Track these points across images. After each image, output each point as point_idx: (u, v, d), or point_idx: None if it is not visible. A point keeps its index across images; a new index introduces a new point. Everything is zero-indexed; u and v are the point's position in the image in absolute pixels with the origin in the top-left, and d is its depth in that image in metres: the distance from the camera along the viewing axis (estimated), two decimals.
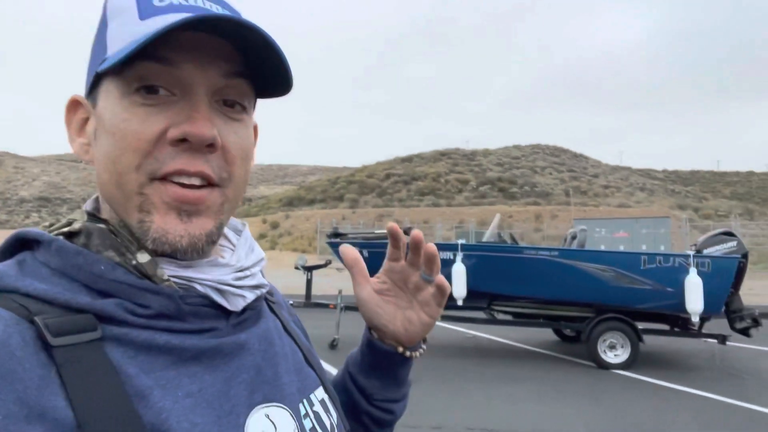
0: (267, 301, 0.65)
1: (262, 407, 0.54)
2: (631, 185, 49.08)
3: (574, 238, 8.40)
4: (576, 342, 8.23)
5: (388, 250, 0.68)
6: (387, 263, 0.69)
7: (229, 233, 0.63)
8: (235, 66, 0.53)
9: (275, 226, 36.36)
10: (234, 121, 0.54)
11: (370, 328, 0.72)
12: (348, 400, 0.73)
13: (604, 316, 7.08)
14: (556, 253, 7.34)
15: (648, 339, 7.27)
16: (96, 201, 0.57)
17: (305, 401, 0.59)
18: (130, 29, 0.50)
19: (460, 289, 7.23)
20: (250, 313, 0.58)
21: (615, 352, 6.99)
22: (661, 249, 21.09)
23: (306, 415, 0.58)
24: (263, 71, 0.54)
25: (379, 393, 0.73)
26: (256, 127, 0.62)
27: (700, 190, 60.58)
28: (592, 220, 25.99)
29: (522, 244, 12.24)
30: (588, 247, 8.51)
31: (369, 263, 0.84)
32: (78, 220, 0.54)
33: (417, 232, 0.65)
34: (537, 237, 29.91)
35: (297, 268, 8.53)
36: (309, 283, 8.48)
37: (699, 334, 7.25)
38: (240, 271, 0.57)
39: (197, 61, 0.51)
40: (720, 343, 7.06)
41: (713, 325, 7.42)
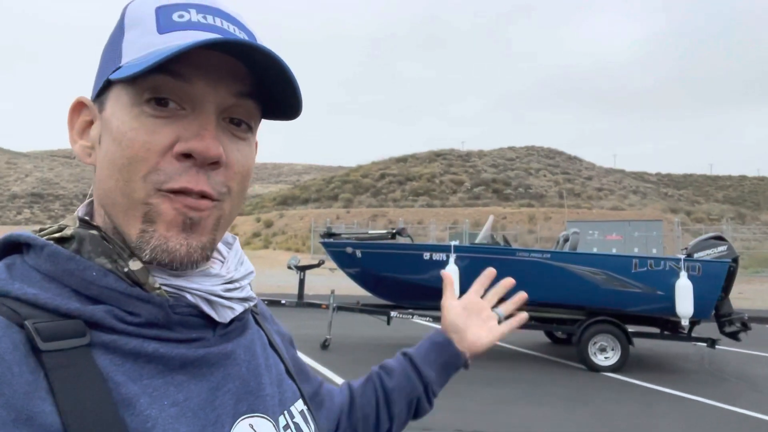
0: (252, 313, 0.66)
1: (247, 417, 0.55)
2: (625, 188, 49.30)
3: (566, 240, 8.43)
4: (567, 344, 8.26)
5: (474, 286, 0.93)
6: (471, 294, 0.93)
7: (219, 246, 0.63)
8: (245, 86, 0.54)
9: (269, 224, 36.30)
10: (239, 140, 0.55)
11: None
12: (407, 384, 0.84)
13: (594, 318, 7.11)
14: (548, 255, 7.36)
15: (638, 342, 7.30)
16: (88, 206, 0.57)
17: (286, 413, 0.60)
18: (148, 41, 0.52)
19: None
20: (236, 325, 0.59)
21: (605, 354, 7.03)
22: (653, 252, 21.21)
23: (287, 426, 0.59)
24: (273, 94, 0.55)
25: (434, 385, 0.86)
26: (256, 144, 0.63)
27: (692, 193, 60.92)
28: (585, 223, 26.09)
29: (515, 245, 12.29)
30: (580, 249, 8.54)
31: (362, 262, 0.85)
32: (70, 226, 0.54)
33: (491, 271, 0.92)
34: (530, 239, 29.99)
35: (290, 267, 8.51)
36: (302, 282, 8.47)
37: (688, 338, 7.29)
38: (230, 282, 0.58)
39: (210, 78, 0.51)
40: (709, 346, 7.10)
41: (703, 329, 7.46)
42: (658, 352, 8.17)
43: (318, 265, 8.68)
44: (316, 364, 6.76)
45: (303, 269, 8.42)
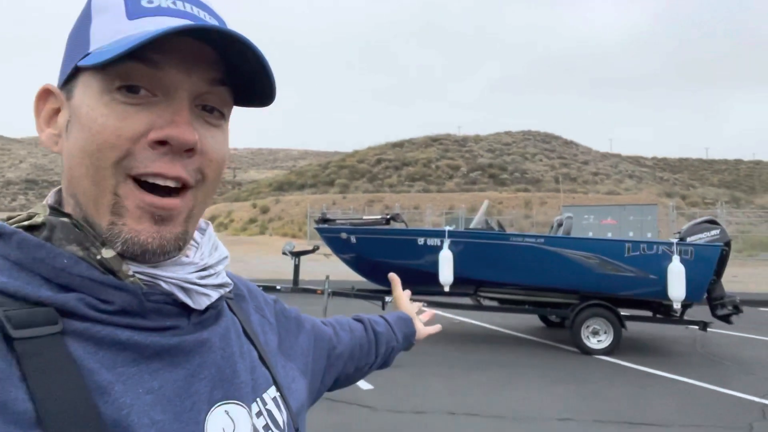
0: (226, 300, 0.66)
1: (222, 404, 0.55)
2: (621, 172, 49.32)
3: (560, 225, 8.45)
4: (561, 328, 8.33)
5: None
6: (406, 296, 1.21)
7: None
8: (218, 73, 0.54)
9: (265, 210, 36.24)
10: (212, 127, 0.55)
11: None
12: (387, 334, 1.03)
13: (588, 302, 7.16)
14: (542, 240, 7.38)
15: (631, 325, 7.37)
16: (58, 194, 0.57)
17: (258, 400, 0.60)
18: (117, 27, 0.51)
19: (446, 275, 7.27)
20: (211, 312, 0.59)
21: (598, 338, 7.08)
22: (648, 236, 21.27)
23: (259, 413, 0.59)
24: (246, 81, 0.55)
25: (400, 346, 1.07)
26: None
27: (688, 177, 61.03)
28: (581, 207, 26.14)
29: (511, 230, 12.30)
30: (575, 234, 8.57)
31: (357, 248, 1.12)
32: (40, 213, 0.53)
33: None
34: (526, 223, 30.05)
35: (284, 253, 8.52)
36: (296, 268, 8.48)
37: (681, 321, 7.35)
38: (204, 269, 0.57)
39: (182, 65, 0.51)
40: (701, 329, 7.17)
41: (695, 312, 7.52)
42: (650, 335, 8.24)
43: (313, 250, 8.69)
44: None
45: (298, 255, 8.43)
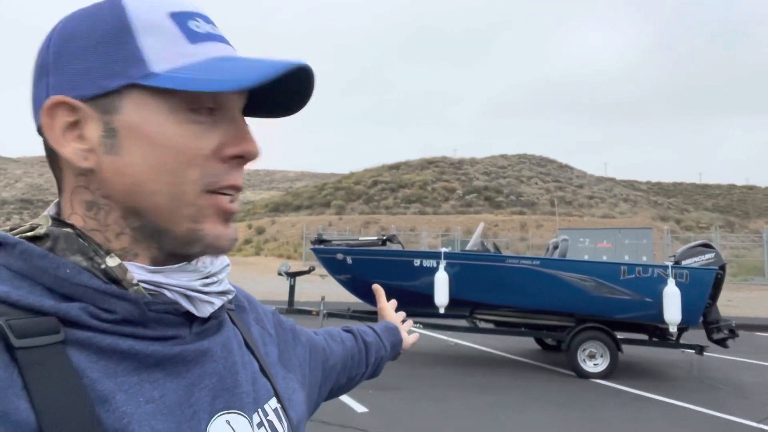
0: (227, 310, 0.66)
1: (223, 414, 0.55)
2: (615, 196, 49.61)
3: (556, 247, 8.47)
4: (557, 351, 8.28)
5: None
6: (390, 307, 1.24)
7: None
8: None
9: (261, 231, 36.17)
10: None
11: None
12: (376, 344, 1.04)
13: (584, 325, 7.13)
14: (538, 262, 7.39)
15: (627, 349, 7.34)
16: (57, 206, 0.57)
17: (260, 411, 0.60)
18: (182, 50, 0.52)
19: (442, 297, 7.25)
20: (213, 322, 0.59)
21: (594, 361, 7.05)
22: (643, 259, 21.30)
23: (260, 424, 0.59)
24: (283, 96, 0.60)
25: (388, 355, 1.09)
26: None
27: (682, 201, 61.38)
28: (577, 230, 26.21)
29: (506, 253, 12.31)
30: (570, 256, 8.58)
31: (353, 269, 1.14)
32: (42, 225, 0.53)
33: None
34: (522, 246, 30.08)
35: (280, 274, 8.49)
36: (292, 289, 8.45)
37: (677, 345, 7.33)
38: (207, 277, 0.58)
39: None
40: (697, 353, 7.14)
41: (691, 336, 7.51)
42: (646, 358, 8.20)
43: (308, 271, 8.66)
44: None
45: (293, 276, 8.40)
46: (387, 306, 1.23)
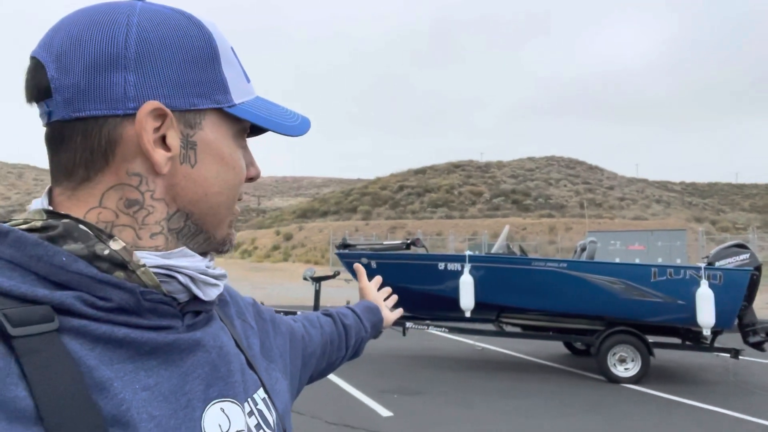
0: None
1: (218, 402, 0.57)
2: (647, 197, 48.53)
3: (583, 249, 8.33)
4: (586, 355, 8.13)
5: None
6: (373, 286, 1.25)
7: None
8: None
9: (288, 237, 36.49)
10: None
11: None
12: (356, 326, 1.06)
13: (613, 329, 6.99)
14: (565, 264, 7.27)
15: (659, 353, 7.16)
16: (48, 197, 0.56)
17: (250, 400, 0.62)
18: (244, 87, 0.61)
19: (467, 300, 7.20)
20: (203, 316, 0.60)
21: (625, 365, 6.90)
22: (677, 262, 20.78)
23: (251, 413, 0.61)
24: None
25: (368, 336, 1.11)
26: None
27: (718, 202, 59.69)
28: (607, 233, 25.72)
29: (535, 256, 12.14)
30: (601, 259, 8.43)
31: (377, 273, 1.21)
32: (36, 219, 0.53)
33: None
34: (551, 249, 29.65)
35: (305, 279, 8.55)
36: (317, 294, 8.49)
37: (711, 348, 7.12)
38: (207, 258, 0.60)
39: None
40: (733, 357, 6.93)
41: (726, 339, 7.28)
42: (679, 362, 7.99)
43: (333, 276, 8.70)
44: (332, 376, 6.76)
45: (318, 280, 8.44)
46: (368, 285, 1.23)
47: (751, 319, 6.94)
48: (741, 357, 6.96)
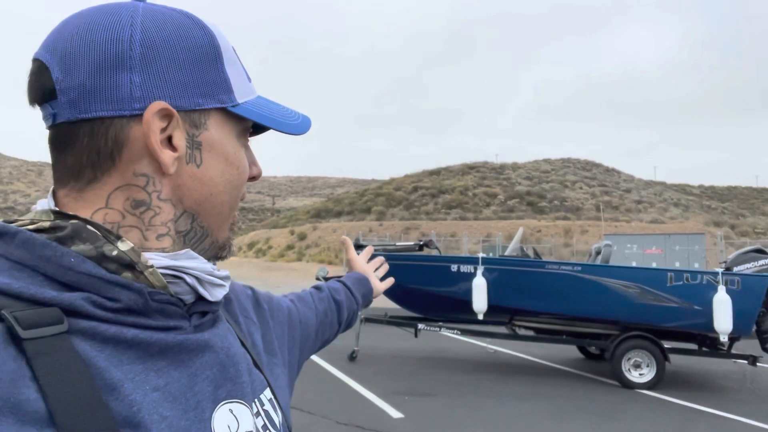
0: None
1: (226, 403, 0.57)
2: (665, 201, 47.93)
3: (598, 253, 8.25)
4: (601, 360, 8.05)
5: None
6: (363, 257, 1.23)
7: None
8: None
9: (303, 237, 36.63)
10: None
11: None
12: (347, 300, 1.05)
13: (628, 333, 6.91)
14: (579, 268, 7.21)
15: (674, 358, 7.06)
16: (53, 198, 0.56)
17: (257, 401, 0.62)
18: (247, 87, 0.61)
19: (480, 303, 7.16)
20: (210, 317, 0.60)
21: (640, 371, 6.81)
22: (695, 266, 20.50)
23: (257, 413, 0.61)
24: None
25: (360, 308, 1.11)
26: None
27: (737, 206, 58.75)
28: (624, 236, 25.47)
29: (550, 259, 12.05)
30: (618, 263, 8.34)
31: (389, 274, 1.20)
32: (44, 219, 0.53)
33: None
34: (566, 252, 29.41)
35: (318, 278, 8.56)
36: None
37: (728, 355, 7.01)
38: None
39: None
40: (750, 364, 6.80)
41: (744, 346, 7.17)
42: (696, 369, 7.87)
43: None
44: (343, 376, 6.76)
45: (330, 280, 8.46)
46: (355, 257, 1.21)
47: None
48: (759, 364, 6.83)
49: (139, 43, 0.53)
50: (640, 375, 6.79)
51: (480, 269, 7.26)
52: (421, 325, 7.81)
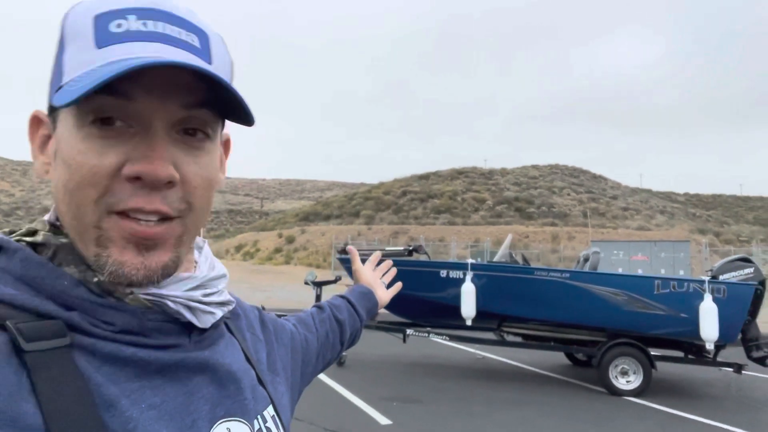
0: (225, 320, 0.66)
1: (224, 421, 0.56)
2: (651, 208, 48.39)
3: (586, 260, 8.29)
4: (588, 367, 8.08)
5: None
6: (369, 266, 1.19)
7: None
8: (197, 96, 0.51)
9: (291, 240, 36.48)
10: (196, 150, 0.53)
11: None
12: (351, 319, 1.02)
13: (616, 341, 6.94)
14: (568, 275, 7.23)
15: (661, 366, 7.11)
16: (55, 211, 0.56)
17: (259, 417, 0.61)
18: (87, 57, 0.48)
19: (469, 308, 7.16)
20: (211, 332, 0.60)
21: (627, 378, 6.84)
22: (681, 273, 20.72)
23: (259, 430, 0.60)
24: (226, 101, 0.52)
25: (364, 323, 1.07)
26: (228, 142, 0.63)
27: (722, 214, 59.49)
28: (610, 243, 25.71)
29: (537, 265, 12.12)
30: (603, 269, 8.38)
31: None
32: (40, 231, 0.53)
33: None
34: (554, 258, 29.57)
35: (306, 283, 8.52)
36: (318, 298, 8.45)
37: (714, 363, 7.07)
38: (206, 288, 0.58)
39: (156, 94, 0.49)
40: (736, 372, 6.87)
41: (729, 354, 7.23)
42: (682, 376, 7.92)
43: (335, 281, 8.67)
44: (331, 382, 6.72)
45: (320, 285, 8.41)
46: (361, 267, 1.17)
47: (755, 333, 6.88)
48: (744, 372, 6.90)
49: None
50: (627, 382, 6.82)
51: (469, 275, 7.27)
52: (409, 331, 7.79)
